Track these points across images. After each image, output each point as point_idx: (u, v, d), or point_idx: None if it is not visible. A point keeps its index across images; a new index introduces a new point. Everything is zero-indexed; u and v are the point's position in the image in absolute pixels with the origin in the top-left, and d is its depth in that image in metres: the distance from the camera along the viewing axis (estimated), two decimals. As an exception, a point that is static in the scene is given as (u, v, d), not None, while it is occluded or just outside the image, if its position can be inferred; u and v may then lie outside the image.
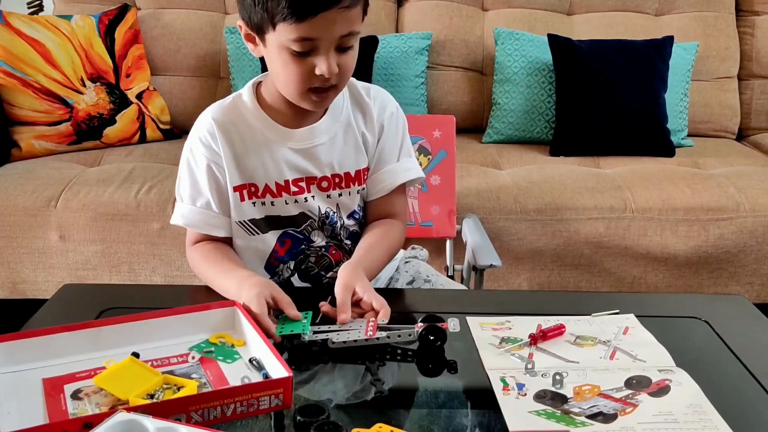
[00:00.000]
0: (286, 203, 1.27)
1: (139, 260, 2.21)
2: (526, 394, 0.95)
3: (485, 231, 1.93)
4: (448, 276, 1.91)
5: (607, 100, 2.56)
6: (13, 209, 2.20)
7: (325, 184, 1.28)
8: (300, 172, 1.27)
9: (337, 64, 1.13)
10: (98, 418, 0.81)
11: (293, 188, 1.27)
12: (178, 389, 0.93)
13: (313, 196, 1.28)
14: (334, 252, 1.34)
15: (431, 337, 1.05)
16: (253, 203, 1.27)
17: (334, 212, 1.31)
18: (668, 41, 2.65)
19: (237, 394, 0.88)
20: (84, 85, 2.55)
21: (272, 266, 1.32)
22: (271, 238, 1.30)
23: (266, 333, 1.04)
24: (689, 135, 2.79)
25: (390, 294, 1.20)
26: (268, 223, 1.29)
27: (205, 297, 1.21)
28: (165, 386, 0.93)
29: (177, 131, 2.73)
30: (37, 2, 3.16)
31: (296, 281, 1.34)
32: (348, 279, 1.15)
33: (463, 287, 1.69)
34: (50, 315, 1.14)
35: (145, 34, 2.75)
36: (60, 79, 2.51)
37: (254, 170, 1.25)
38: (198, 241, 1.29)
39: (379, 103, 1.32)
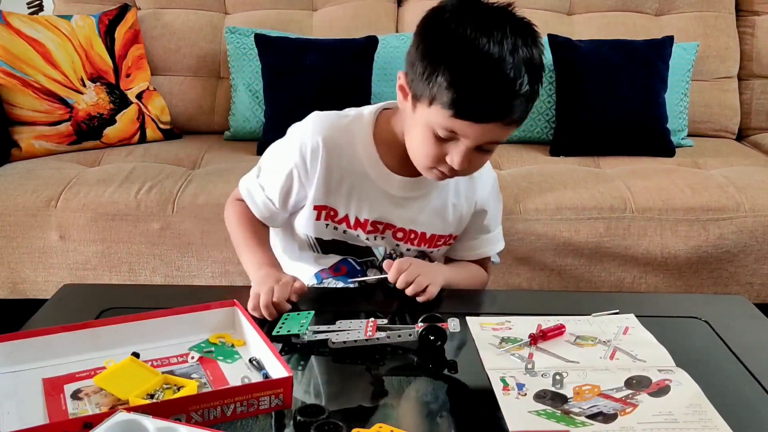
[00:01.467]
0: (358, 236, 1.30)
1: (139, 260, 2.21)
2: (526, 394, 0.95)
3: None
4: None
5: (607, 100, 2.56)
6: (13, 209, 2.19)
7: (400, 234, 1.30)
8: (382, 217, 1.28)
9: (469, 160, 1.13)
10: (98, 418, 0.81)
11: (369, 228, 1.28)
12: (178, 389, 0.93)
13: (383, 238, 1.30)
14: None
15: (431, 337, 1.06)
16: (326, 225, 1.29)
17: (397, 255, 1.33)
18: (668, 41, 2.65)
19: (237, 394, 0.88)
20: (84, 85, 2.55)
21: (320, 277, 1.36)
22: (330, 259, 1.33)
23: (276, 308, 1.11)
24: (689, 135, 2.78)
25: (390, 294, 1.21)
26: (332, 246, 1.31)
27: (205, 297, 1.20)
28: (165, 386, 0.93)
29: (177, 131, 2.73)
30: (37, 2, 3.16)
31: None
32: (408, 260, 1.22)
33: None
34: (50, 315, 1.14)
35: (145, 34, 2.75)
36: (60, 79, 2.51)
37: (340, 199, 1.26)
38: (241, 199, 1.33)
39: (488, 181, 1.34)
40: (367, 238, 1.29)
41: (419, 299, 1.20)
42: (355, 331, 1.07)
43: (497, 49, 1.05)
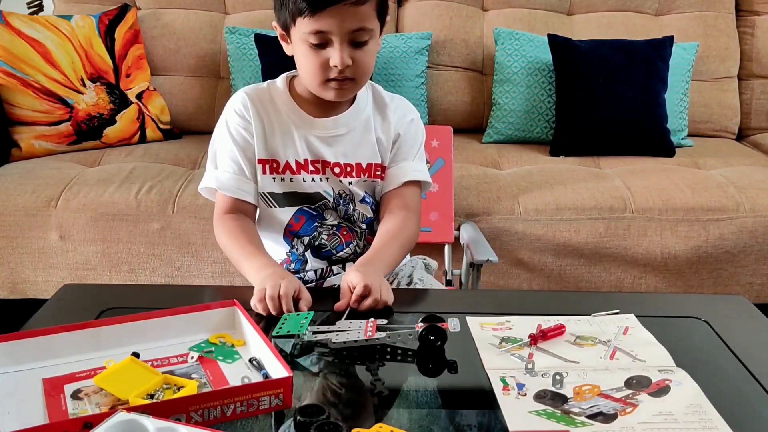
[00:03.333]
0: (303, 180, 1.38)
1: (139, 260, 2.21)
2: (526, 394, 0.95)
3: (482, 234, 1.94)
4: (447, 280, 1.92)
5: (607, 100, 2.56)
6: (13, 209, 2.20)
7: (337, 170, 1.39)
8: (317, 155, 1.38)
9: (351, 58, 1.24)
10: (98, 418, 0.81)
11: (310, 167, 1.38)
12: (179, 389, 0.93)
13: (327, 178, 1.39)
14: (345, 233, 1.43)
15: (431, 337, 1.06)
16: (273, 178, 1.38)
17: (346, 195, 1.41)
18: (668, 41, 2.65)
19: (237, 395, 0.88)
20: (84, 85, 2.55)
21: (288, 240, 1.42)
22: (287, 212, 1.40)
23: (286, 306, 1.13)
24: (689, 135, 2.79)
25: (394, 293, 1.20)
26: (285, 199, 1.39)
27: (205, 297, 1.21)
28: (165, 386, 0.93)
29: (177, 131, 2.74)
30: (37, 2, 3.16)
31: (309, 257, 1.43)
32: (349, 276, 1.21)
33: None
34: (50, 315, 1.14)
35: (145, 34, 2.75)
36: (60, 79, 2.51)
37: (277, 148, 1.37)
38: (228, 212, 1.37)
39: (400, 112, 1.45)
40: (313, 179, 1.38)
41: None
42: (355, 331, 1.07)
43: None
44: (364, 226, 1.45)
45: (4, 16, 2.47)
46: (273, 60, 2.51)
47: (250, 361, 1.01)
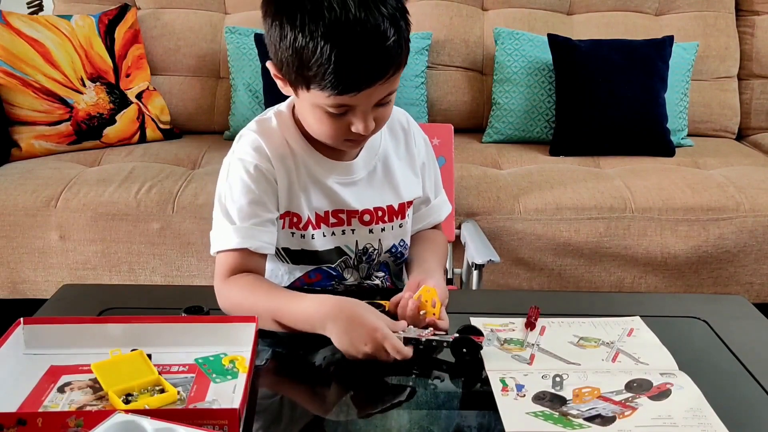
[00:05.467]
0: (324, 235, 1.23)
1: (139, 260, 2.21)
2: (524, 395, 0.95)
3: (483, 233, 1.94)
4: (447, 280, 1.92)
5: (607, 100, 2.56)
6: (13, 209, 2.20)
7: (367, 218, 1.25)
8: (340, 204, 1.23)
9: (374, 119, 1.10)
10: (49, 417, 0.82)
11: (332, 219, 1.23)
12: (162, 391, 0.92)
13: (353, 230, 1.25)
14: (363, 290, 1.30)
15: (464, 350, 1.04)
16: (292, 233, 1.22)
17: (374, 249, 1.28)
18: (668, 41, 2.65)
19: (183, 417, 0.83)
20: (84, 85, 2.55)
21: (295, 287, 1.27)
22: (302, 269, 1.27)
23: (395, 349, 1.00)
24: (689, 135, 2.79)
25: (395, 293, 1.20)
26: (302, 257, 1.25)
27: (204, 297, 1.20)
28: (151, 387, 0.93)
29: (177, 131, 2.74)
30: (37, 2, 3.16)
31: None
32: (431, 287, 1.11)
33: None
34: (50, 315, 1.14)
35: (145, 33, 2.75)
36: (60, 79, 2.51)
37: (299, 199, 1.20)
38: (236, 272, 1.16)
39: (418, 138, 1.31)
40: (334, 233, 1.23)
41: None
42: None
43: (346, 16, 0.99)
44: (382, 274, 1.33)
45: (4, 16, 2.47)
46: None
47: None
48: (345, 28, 0.99)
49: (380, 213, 1.26)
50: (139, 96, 2.65)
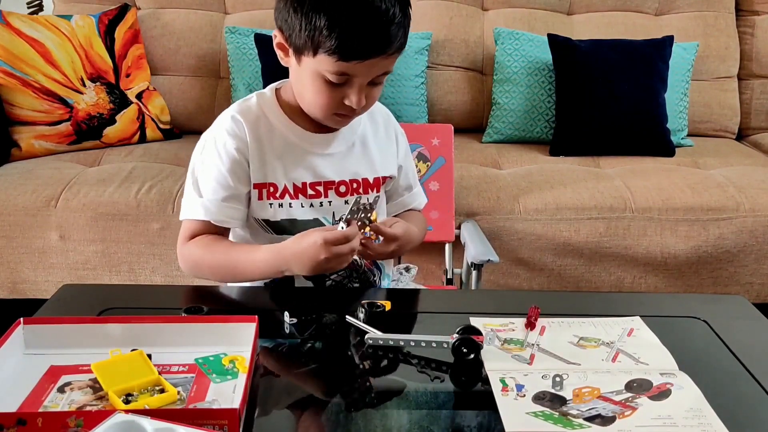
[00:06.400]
0: (302, 206, 1.29)
1: (139, 260, 2.21)
2: (525, 395, 0.95)
3: (483, 233, 1.94)
4: (447, 279, 1.92)
5: (607, 100, 2.56)
6: (13, 209, 2.20)
7: (343, 189, 1.31)
8: (318, 176, 1.29)
9: (366, 96, 1.19)
10: (48, 417, 0.82)
11: (310, 191, 1.29)
12: (162, 391, 0.92)
13: (330, 201, 1.31)
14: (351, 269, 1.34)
15: (464, 350, 1.04)
16: (270, 204, 1.28)
17: (355, 209, 1.32)
18: (668, 41, 2.65)
19: (183, 417, 0.83)
20: (84, 85, 2.55)
21: None
22: (283, 239, 1.28)
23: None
24: (689, 135, 2.79)
25: (394, 294, 1.20)
26: (281, 227, 1.30)
27: (204, 297, 1.21)
28: (151, 387, 0.93)
29: (177, 131, 2.74)
30: (37, 2, 3.16)
31: (298, 278, 1.31)
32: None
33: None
34: (50, 315, 1.13)
35: (145, 33, 2.75)
36: (60, 79, 2.51)
37: (275, 170, 1.27)
38: (195, 236, 1.27)
39: (399, 132, 1.41)
40: (312, 204, 1.29)
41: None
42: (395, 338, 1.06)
43: None
44: (358, 257, 1.34)
45: (4, 16, 2.47)
46: (273, 60, 2.50)
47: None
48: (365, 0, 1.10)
49: (355, 185, 1.32)
50: (139, 96, 2.65)
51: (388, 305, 1.12)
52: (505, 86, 2.69)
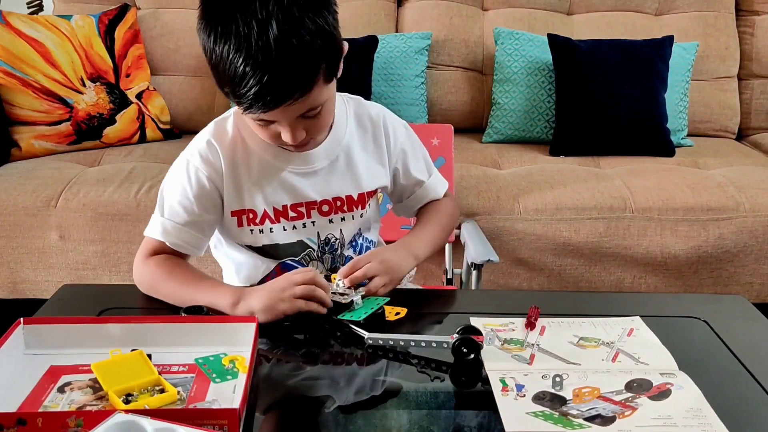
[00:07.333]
0: (284, 229, 1.25)
1: (138, 260, 2.21)
2: (525, 395, 0.95)
3: (483, 233, 1.94)
4: (447, 279, 1.92)
5: (607, 100, 2.56)
6: (13, 209, 2.20)
7: (326, 208, 1.27)
8: (299, 197, 1.24)
9: (304, 129, 1.12)
10: (48, 417, 0.82)
11: (291, 213, 1.25)
12: (162, 391, 0.92)
13: (313, 222, 1.26)
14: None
15: (464, 350, 1.04)
16: (251, 230, 1.25)
17: (336, 239, 1.29)
18: (668, 41, 2.65)
19: (183, 417, 0.83)
20: (84, 85, 2.55)
21: (264, 281, 1.28)
22: (269, 263, 1.29)
23: (320, 300, 1.10)
24: (689, 135, 2.79)
25: (393, 294, 1.20)
26: (265, 253, 1.27)
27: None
28: (151, 387, 0.93)
29: (177, 131, 2.74)
30: (37, 2, 3.16)
31: None
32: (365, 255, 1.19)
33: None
34: (50, 315, 1.14)
35: (145, 33, 2.75)
36: (60, 79, 2.51)
37: (253, 195, 1.23)
38: (156, 254, 1.23)
39: (392, 131, 1.32)
40: (294, 227, 1.25)
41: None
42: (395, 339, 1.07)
43: (256, 37, 1.02)
44: None
45: (4, 16, 2.47)
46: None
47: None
48: (254, 49, 1.01)
49: (339, 203, 1.27)
50: (139, 96, 2.65)
51: (403, 312, 1.13)
52: (505, 86, 2.69)
